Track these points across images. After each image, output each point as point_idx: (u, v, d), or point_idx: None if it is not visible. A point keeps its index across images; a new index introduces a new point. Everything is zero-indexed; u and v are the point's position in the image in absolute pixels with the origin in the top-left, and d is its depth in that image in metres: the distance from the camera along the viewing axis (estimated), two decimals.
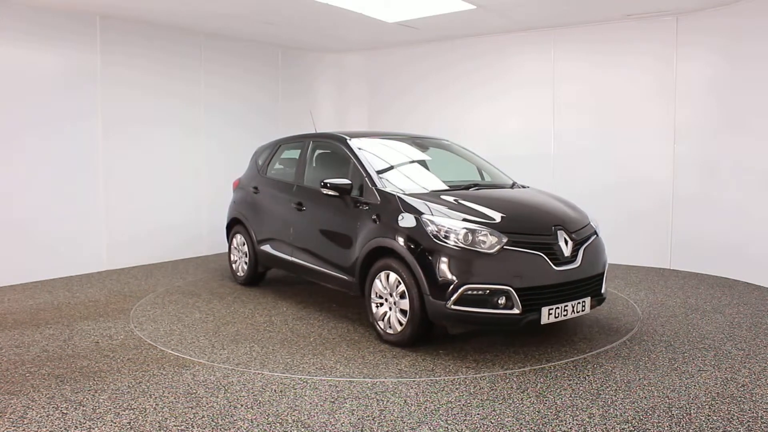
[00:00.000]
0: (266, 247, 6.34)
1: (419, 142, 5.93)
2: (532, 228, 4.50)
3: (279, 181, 6.33)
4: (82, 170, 7.24)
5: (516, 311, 4.19)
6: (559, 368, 4.14)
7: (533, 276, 4.28)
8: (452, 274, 4.22)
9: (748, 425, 3.28)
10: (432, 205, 4.60)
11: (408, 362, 4.27)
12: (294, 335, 4.97)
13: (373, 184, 5.00)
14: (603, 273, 4.79)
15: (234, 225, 6.91)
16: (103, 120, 7.41)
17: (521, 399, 3.64)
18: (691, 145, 7.21)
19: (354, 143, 5.49)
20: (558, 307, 4.32)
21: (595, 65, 7.80)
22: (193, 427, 3.29)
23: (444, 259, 4.26)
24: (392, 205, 4.72)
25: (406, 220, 4.55)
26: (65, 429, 3.28)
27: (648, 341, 4.70)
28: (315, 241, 5.59)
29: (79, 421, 3.36)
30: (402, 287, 4.50)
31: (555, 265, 4.35)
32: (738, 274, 6.80)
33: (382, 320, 4.72)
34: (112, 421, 3.37)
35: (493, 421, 3.35)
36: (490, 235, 4.29)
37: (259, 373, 4.07)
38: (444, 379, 3.95)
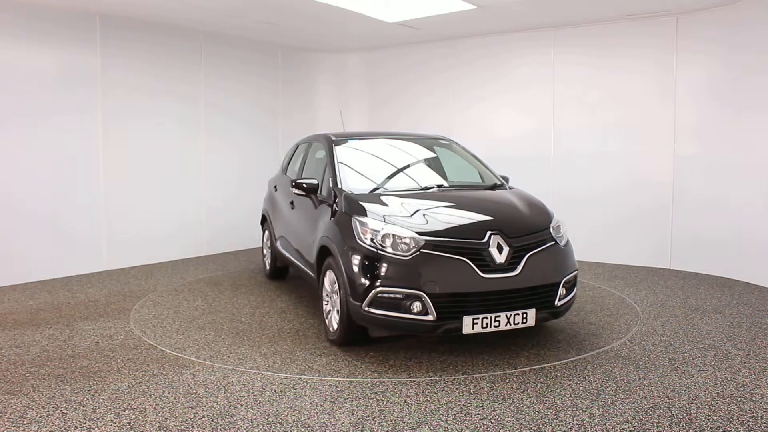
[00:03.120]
0: (277, 244, 6.56)
1: (416, 142, 5.92)
2: (461, 232, 4.29)
3: (288, 180, 6.45)
4: (82, 170, 7.24)
5: (430, 318, 4.05)
6: (559, 368, 4.14)
7: (453, 282, 4.09)
8: (366, 276, 4.17)
9: (748, 425, 3.28)
10: (371, 206, 4.55)
11: (324, 362, 4.30)
12: (257, 328, 5.14)
13: (335, 183, 5.02)
14: (558, 283, 4.37)
15: (264, 221, 7.22)
16: (104, 120, 7.40)
17: (521, 399, 3.64)
18: (691, 144, 7.21)
19: (336, 142, 5.52)
20: (486, 317, 4.08)
21: (595, 65, 7.80)
22: (193, 427, 3.29)
23: (362, 260, 4.23)
24: (340, 204, 4.76)
25: (344, 220, 4.56)
26: (65, 429, 3.28)
27: (648, 341, 4.70)
28: (298, 239, 5.73)
29: (79, 421, 3.36)
30: (337, 286, 4.51)
31: (483, 272, 4.12)
32: (738, 274, 6.80)
33: (327, 318, 4.76)
34: (112, 421, 3.37)
35: (493, 421, 3.35)
36: (408, 238, 4.19)
37: (259, 373, 4.07)
38: (444, 379, 3.95)
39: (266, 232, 7.11)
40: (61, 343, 4.73)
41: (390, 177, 5.33)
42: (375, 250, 4.21)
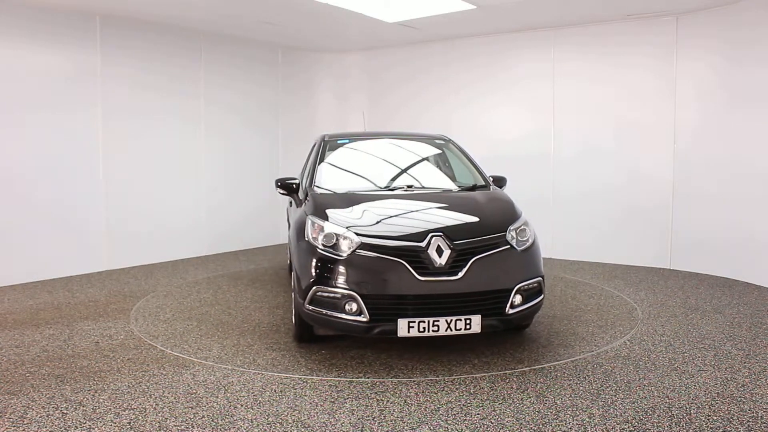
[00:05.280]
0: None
1: (414, 142, 5.90)
2: (402, 234, 4.19)
3: None
4: (82, 170, 7.24)
5: (363, 319, 4.02)
6: (559, 368, 4.14)
7: (387, 284, 4.03)
8: (308, 274, 4.21)
9: (748, 425, 3.28)
10: (331, 207, 4.55)
11: (270, 357, 4.38)
12: (239, 321, 5.31)
13: (310, 182, 5.07)
14: (509, 290, 4.15)
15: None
16: (104, 121, 7.40)
17: (521, 399, 3.64)
18: (691, 144, 7.22)
19: (328, 142, 5.56)
20: (423, 321, 3.96)
21: (596, 65, 7.80)
22: (193, 427, 3.29)
23: (306, 258, 4.27)
24: (308, 203, 4.82)
25: (302, 218, 4.63)
26: (65, 429, 3.28)
27: (648, 341, 4.70)
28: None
29: (79, 421, 3.36)
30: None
31: (420, 275, 4.00)
32: (738, 274, 6.80)
33: (292, 315, 4.84)
34: (112, 421, 3.37)
35: (493, 421, 3.35)
36: (348, 239, 4.17)
37: (259, 373, 4.07)
38: (444, 379, 3.95)
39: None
40: (61, 343, 4.73)
41: (368, 177, 5.28)
42: (318, 249, 4.24)
